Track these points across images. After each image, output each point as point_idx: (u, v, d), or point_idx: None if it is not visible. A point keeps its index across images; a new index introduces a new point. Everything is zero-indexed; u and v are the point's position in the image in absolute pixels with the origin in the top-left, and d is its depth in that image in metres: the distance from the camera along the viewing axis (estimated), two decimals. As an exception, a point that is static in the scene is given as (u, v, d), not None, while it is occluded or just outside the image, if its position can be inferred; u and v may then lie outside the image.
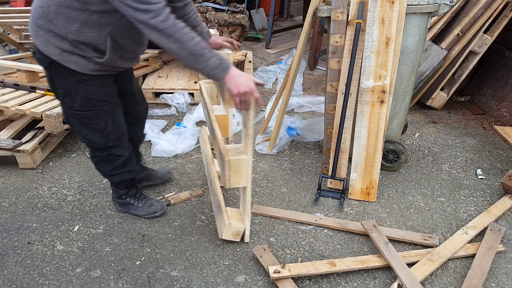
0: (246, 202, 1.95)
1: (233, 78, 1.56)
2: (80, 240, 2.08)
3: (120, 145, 2.00)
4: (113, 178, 2.11)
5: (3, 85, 3.14)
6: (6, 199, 2.40)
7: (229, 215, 2.08)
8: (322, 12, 2.43)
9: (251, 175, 1.87)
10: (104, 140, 1.91)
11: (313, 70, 4.78)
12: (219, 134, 1.94)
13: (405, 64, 2.47)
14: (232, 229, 2.01)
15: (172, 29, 1.46)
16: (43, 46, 1.64)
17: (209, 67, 1.52)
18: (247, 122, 1.79)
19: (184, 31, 1.48)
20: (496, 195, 2.53)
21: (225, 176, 1.84)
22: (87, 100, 1.77)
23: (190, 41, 1.48)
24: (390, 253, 1.93)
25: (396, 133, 2.71)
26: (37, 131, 2.84)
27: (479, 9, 3.40)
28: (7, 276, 1.85)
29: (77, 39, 1.61)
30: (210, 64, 1.52)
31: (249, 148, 1.82)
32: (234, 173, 1.82)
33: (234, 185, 1.86)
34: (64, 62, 1.66)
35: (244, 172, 1.83)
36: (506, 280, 1.89)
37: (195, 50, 1.49)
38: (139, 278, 1.86)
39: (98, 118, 1.83)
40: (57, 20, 1.57)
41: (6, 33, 4.32)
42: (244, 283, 1.84)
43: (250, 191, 1.93)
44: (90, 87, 1.69)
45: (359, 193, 2.46)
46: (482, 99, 3.89)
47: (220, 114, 2.29)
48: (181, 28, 1.48)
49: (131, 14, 1.45)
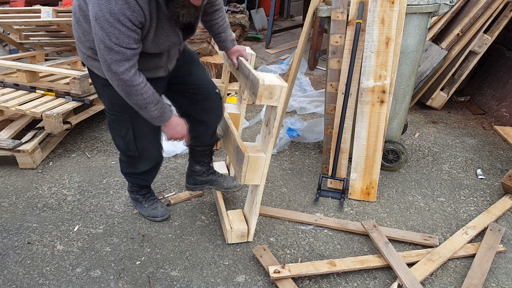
0: (256, 200, 1.96)
1: (170, 126, 1.78)
2: (80, 240, 2.08)
3: (140, 158, 2.00)
4: (128, 179, 2.20)
5: (3, 85, 3.14)
6: (6, 199, 2.40)
7: (230, 218, 2.08)
8: (322, 12, 2.43)
9: (266, 174, 1.88)
10: (125, 148, 1.96)
11: (313, 70, 4.78)
12: (235, 131, 1.95)
13: (405, 64, 2.47)
14: (235, 232, 2.02)
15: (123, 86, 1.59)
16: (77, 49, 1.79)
17: (148, 116, 1.71)
18: (271, 120, 1.77)
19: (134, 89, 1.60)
20: (496, 195, 2.53)
21: (240, 172, 1.83)
22: (111, 104, 1.84)
23: (136, 96, 1.62)
24: (390, 253, 1.93)
25: (396, 133, 2.71)
26: (37, 131, 2.83)
27: (479, 9, 3.40)
28: (7, 276, 1.85)
29: (95, 48, 1.62)
30: (151, 115, 1.70)
31: (269, 148, 1.82)
32: (251, 170, 1.83)
33: (248, 182, 1.87)
34: (90, 66, 1.77)
35: (260, 170, 1.85)
36: (506, 280, 1.89)
37: (140, 104, 1.65)
38: (139, 278, 1.86)
39: (120, 124, 1.88)
40: (79, 28, 1.65)
41: (6, 33, 4.32)
42: (244, 283, 1.84)
43: (262, 190, 1.93)
44: (113, 92, 1.69)
45: (359, 193, 2.46)
46: (482, 99, 3.89)
47: (233, 113, 2.29)
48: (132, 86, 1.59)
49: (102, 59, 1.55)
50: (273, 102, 1.70)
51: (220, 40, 2.03)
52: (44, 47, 4.38)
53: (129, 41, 1.51)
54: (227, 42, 2.03)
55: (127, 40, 1.50)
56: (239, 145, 1.84)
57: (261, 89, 1.66)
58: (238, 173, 1.88)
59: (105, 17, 1.44)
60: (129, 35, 1.49)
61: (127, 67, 1.55)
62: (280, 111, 1.73)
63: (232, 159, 1.98)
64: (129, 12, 1.46)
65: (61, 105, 2.90)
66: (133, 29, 1.50)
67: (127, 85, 1.58)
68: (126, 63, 1.54)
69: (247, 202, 2.11)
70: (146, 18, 1.53)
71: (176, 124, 1.80)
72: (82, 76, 2.93)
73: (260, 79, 1.66)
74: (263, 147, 1.87)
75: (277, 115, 1.73)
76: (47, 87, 3.08)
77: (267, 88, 1.66)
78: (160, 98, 1.71)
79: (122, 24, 1.46)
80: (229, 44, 2.04)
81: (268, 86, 1.66)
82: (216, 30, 1.99)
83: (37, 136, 2.78)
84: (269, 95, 1.67)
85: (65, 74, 3.10)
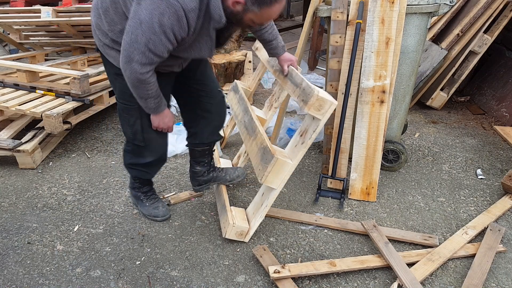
0: (267, 203, 1.97)
1: (159, 117, 1.87)
2: (80, 240, 2.08)
3: (147, 148, 2.02)
4: (130, 171, 2.18)
5: (3, 85, 3.14)
6: (6, 199, 2.40)
7: (233, 214, 2.08)
8: (322, 12, 2.43)
9: (286, 181, 1.90)
10: (132, 136, 1.99)
11: (313, 70, 4.78)
12: (263, 131, 1.99)
13: (405, 64, 2.47)
14: (236, 229, 2.02)
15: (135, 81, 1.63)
16: (93, 35, 1.82)
17: (144, 105, 1.78)
18: (309, 132, 1.82)
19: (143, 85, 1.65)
20: (496, 195, 2.53)
21: (264, 170, 1.85)
22: (122, 93, 1.87)
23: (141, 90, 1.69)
24: (390, 253, 1.93)
25: (396, 133, 2.71)
26: (37, 131, 2.83)
27: (479, 9, 3.41)
28: (7, 276, 1.85)
29: (116, 39, 1.69)
30: (148, 106, 1.78)
31: (298, 157, 1.85)
32: (274, 172, 1.85)
33: (268, 183, 1.88)
34: (105, 54, 1.80)
35: (283, 175, 1.87)
36: (506, 280, 1.89)
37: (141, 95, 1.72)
38: (139, 278, 1.86)
39: (130, 113, 1.91)
40: (104, 17, 1.67)
41: (6, 33, 4.32)
42: (244, 283, 1.84)
43: (276, 195, 1.95)
44: (125, 82, 1.74)
45: (359, 193, 2.46)
46: (482, 99, 3.89)
47: (260, 117, 2.32)
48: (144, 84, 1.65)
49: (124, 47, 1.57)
50: (319, 115, 1.77)
51: (271, 48, 2.10)
52: (44, 47, 4.38)
53: (164, 50, 1.54)
54: (278, 49, 2.11)
55: (162, 49, 1.53)
56: (268, 146, 1.87)
57: (313, 99, 1.73)
58: (261, 171, 1.88)
59: (152, 25, 1.46)
60: (166, 45, 1.53)
61: (147, 70, 1.59)
62: (321, 125, 1.79)
63: (255, 158, 1.98)
64: (177, 27, 1.49)
65: (61, 105, 2.90)
66: (173, 42, 1.54)
67: (140, 82, 1.63)
68: (149, 66, 1.59)
69: (254, 203, 2.10)
70: (189, 34, 1.56)
71: (165, 115, 1.88)
72: (82, 76, 2.93)
73: (316, 90, 1.74)
74: (292, 154, 1.90)
75: (318, 128, 1.79)
76: (47, 87, 3.08)
77: (319, 100, 1.74)
78: (160, 92, 1.76)
79: (165, 36, 1.50)
80: (280, 50, 2.12)
81: (321, 99, 1.74)
82: (267, 38, 2.06)
83: (37, 136, 2.79)
84: (318, 107, 1.75)
85: (65, 74, 3.10)
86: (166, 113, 1.88)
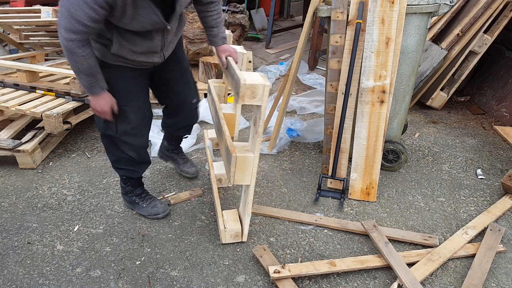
0: (247, 200, 1.94)
1: (95, 99, 1.84)
2: (80, 240, 2.08)
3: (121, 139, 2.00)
4: (118, 171, 2.19)
5: (3, 85, 3.14)
6: (6, 199, 2.40)
7: (224, 218, 2.08)
8: (322, 12, 2.43)
9: (256, 174, 1.86)
10: (104, 126, 1.98)
11: (313, 70, 4.78)
12: (227, 131, 1.94)
13: (405, 64, 2.47)
14: (229, 232, 2.01)
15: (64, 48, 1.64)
16: None
17: (82, 83, 1.78)
18: (258, 120, 1.76)
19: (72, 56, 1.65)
20: (496, 195, 2.53)
21: (229, 172, 1.82)
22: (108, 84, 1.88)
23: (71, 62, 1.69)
24: (390, 253, 1.93)
25: (396, 133, 2.71)
26: (37, 131, 2.83)
27: (479, 9, 3.40)
28: (7, 276, 1.85)
29: None
30: (82, 82, 1.78)
31: (257, 147, 1.80)
32: (239, 170, 1.81)
33: (238, 182, 1.85)
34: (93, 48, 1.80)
35: (249, 170, 1.82)
36: (506, 280, 1.89)
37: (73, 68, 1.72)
38: (139, 278, 1.86)
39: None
40: None
41: (6, 33, 4.32)
42: (244, 283, 1.84)
43: (253, 189, 1.92)
44: (107, 74, 1.83)
45: (359, 193, 2.46)
46: (482, 99, 3.89)
47: (228, 113, 2.28)
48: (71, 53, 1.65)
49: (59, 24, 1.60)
50: (256, 102, 1.67)
51: (211, 35, 2.09)
52: (44, 47, 4.38)
53: (84, 17, 1.53)
54: (218, 38, 2.09)
55: (83, 16, 1.52)
56: (228, 146, 1.83)
57: (242, 88, 1.63)
58: (228, 173, 1.86)
59: None
60: (88, 13, 1.52)
61: (72, 37, 1.59)
62: (264, 110, 1.71)
63: (224, 160, 1.98)
64: None
65: (61, 105, 2.90)
66: (96, 9, 1.52)
67: (67, 50, 1.63)
68: (73, 34, 1.58)
69: (241, 202, 2.10)
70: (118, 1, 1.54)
71: (101, 98, 1.84)
72: (82, 76, 2.93)
73: (242, 78, 1.64)
74: (252, 146, 1.85)
75: (262, 114, 1.71)
76: (47, 87, 3.08)
77: (249, 88, 1.64)
78: (96, 73, 1.75)
79: (84, 2, 1.49)
80: (219, 41, 2.09)
81: (250, 86, 1.63)
82: (209, 23, 2.05)
83: (37, 136, 2.79)
84: (251, 94, 1.65)
85: (65, 74, 3.10)
86: (103, 96, 1.84)
